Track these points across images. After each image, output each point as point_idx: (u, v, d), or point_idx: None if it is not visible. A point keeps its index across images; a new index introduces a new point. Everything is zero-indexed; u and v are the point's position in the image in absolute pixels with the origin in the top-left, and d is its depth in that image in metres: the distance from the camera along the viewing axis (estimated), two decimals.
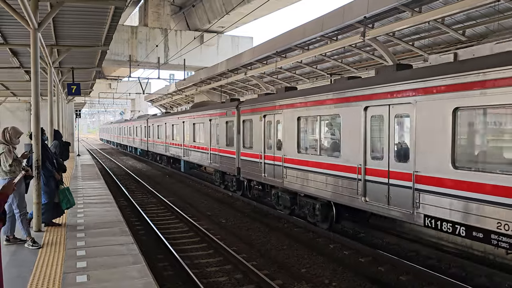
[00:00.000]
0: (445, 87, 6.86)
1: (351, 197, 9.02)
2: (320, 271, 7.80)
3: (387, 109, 8.13)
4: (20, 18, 7.45)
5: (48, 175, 8.00)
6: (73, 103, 31.71)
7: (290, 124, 11.32)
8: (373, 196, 8.38)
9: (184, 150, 21.52)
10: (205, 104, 20.72)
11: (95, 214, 9.34)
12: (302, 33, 14.96)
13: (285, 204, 11.99)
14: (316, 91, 10.69)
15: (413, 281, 7.28)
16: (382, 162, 8.24)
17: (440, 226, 6.97)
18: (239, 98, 18.14)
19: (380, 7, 10.98)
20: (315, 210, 10.47)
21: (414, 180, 7.40)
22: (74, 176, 16.69)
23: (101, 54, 13.89)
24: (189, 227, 11.15)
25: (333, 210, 9.98)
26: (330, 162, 9.79)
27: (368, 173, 8.61)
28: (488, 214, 6.17)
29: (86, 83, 21.45)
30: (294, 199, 11.52)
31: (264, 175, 12.89)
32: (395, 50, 14.00)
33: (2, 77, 17.95)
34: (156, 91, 46.17)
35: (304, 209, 11.01)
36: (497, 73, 6.05)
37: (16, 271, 5.66)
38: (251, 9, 21.92)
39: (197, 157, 19.63)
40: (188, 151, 20.84)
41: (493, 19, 10.31)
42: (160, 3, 31.63)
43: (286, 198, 11.83)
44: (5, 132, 6.84)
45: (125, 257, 6.27)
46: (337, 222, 10.18)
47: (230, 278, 7.44)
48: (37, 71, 7.69)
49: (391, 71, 8.69)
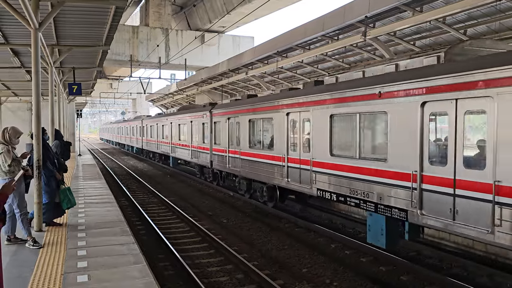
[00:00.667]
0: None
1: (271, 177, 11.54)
2: (321, 271, 7.79)
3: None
4: (21, 18, 7.45)
5: (49, 175, 8.00)
6: (74, 103, 31.75)
7: (242, 126, 14.25)
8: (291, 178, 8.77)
9: (171, 147, 24.37)
10: (189, 107, 23.58)
11: (96, 214, 9.35)
12: (303, 32, 14.96)
13: (243, 188, 14.85)
14: (258, 103, 13.09)
15: (414, 281, 7.26)
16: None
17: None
18: (217, 102, 20.69)
19: (381, 7, 10.97)
20: (263, 192, 13.03)
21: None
22: (75, 176, 16.70)
23: (102, 54, 13.91)
24: (190, 227, 11.14)
25: (276, 192, 12.48)
26: (265, 154, 12.59)
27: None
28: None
29: (87, 83, 21.48)
30: (250, 184, 14.28)
31: (228, 166, 15.57)
32: (396, 50, 13.99)
33: (3, 77, 17.98)
34: (157, 91, 46.24)
35: (256, 192, 13.73)
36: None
37: (17, 271, 5.66)
38: (252, 8, 21.91)
39: (182, 153, 22.53)
40: (175, 148, 23.77)
41: (494, 18, 10.30)
42: (161, 3, 31.66)
43: (243, 183, 14.70)
44: (4, 132, 6.83)
45: (126, 257, 6.27)
46: (281, 202, 12.77)
47: (231, 278, 7.43)
48: (38, 71, 7.69)
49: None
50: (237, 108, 14.77)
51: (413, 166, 7.17)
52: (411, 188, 7.19)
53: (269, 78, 22.34)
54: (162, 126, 26.52)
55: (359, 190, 8.56)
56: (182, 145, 22.16)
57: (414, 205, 7.17)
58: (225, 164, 15.85)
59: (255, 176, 13.38)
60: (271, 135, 12.34)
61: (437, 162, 6.92)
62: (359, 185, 8.58)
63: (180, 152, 22.79)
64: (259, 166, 12.94)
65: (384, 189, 7.87)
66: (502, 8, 9.61)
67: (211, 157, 17.54)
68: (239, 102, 15.18)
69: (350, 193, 8.86)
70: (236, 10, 24.00)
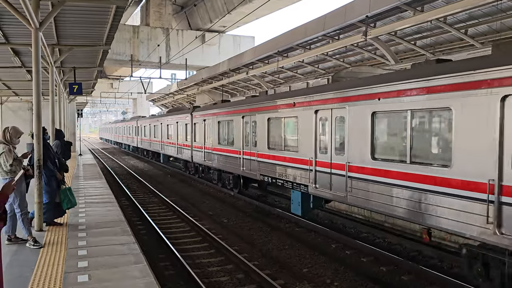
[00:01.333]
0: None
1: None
2: (321, 270, 7.78)
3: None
4: (21, 18, 7.45)
5: (49, 174, 8.00)
6: (74, 103, 31.75)
7: (213, 126, 17.12)
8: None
9: (161, 145, 27.17)
10: (176, 110, 26.45)
11: (96, 214, 9.35)
12: (303, 32, 14.95)
13: (215, 178, 17.70)
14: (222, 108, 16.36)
15: (415, 281, 7.25)
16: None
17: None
18: (200, 105, 23.53)
19: (382, 6, 10.95)
20: (230, 180, 15.86)
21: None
22: (76, 175, 16.71)
23: (103, 54, 13.90)
24: (191, 226, 11.14)
25: (240, 180, 15.13)
26: (228, 149, 15.67)
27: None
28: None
29: (87, 83, 21.47)
30: (220, 175, 16.98)
31: (204, 160, 18.42)
32: (397, 50, 13.98)
33: (4, 77, 17.99)
34: (158, 90, 46.24)
35: (225, 180, 16.47)
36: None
37: (17, 270, 5.66)
38: (253, 8, 21.90)
39: (169, 150, 25.25)
40: (164, 146, 26.47)
41: (495, 18, 10.27)
42: (161, 3, 31.63)
43: (215, 174, 17.69)
44: (5, 131, 6.85)
45: (127, 256, 6.26)
46: (245, 189, 15.48)
47: (231, 278, 7.42)
48: (38, 71, 7.69)
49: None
50: (210, 111, 17.74)
51: (310, 154, 10.15)
52: (309, 170, 10.26)
53: (270, 77, 22.34)
54: (154, 126, 29.10)
55: (283, 173, 11.64)
56: (170, 143, 24.95)
57: (311, 181, 10.16)
58: (202, 158, 18.74)
59: (223, 168, 16.31)
60: (233, 134, 15.18)
61: (323, 152, 9.77)
62: (278, 169, 11.85)
63: (168, 149, 25.60)
64: (226, 159, 15.80)
65: (295, 172, 10.90)
66: (503, 8, 9.59)
67: (191, 153, 20.38)
68: (212, 106, 18.33)
69: (278, 176, 11.84)
70: (236, 9, 24.00)
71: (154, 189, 16.97)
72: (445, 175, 6.64)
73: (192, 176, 21.24)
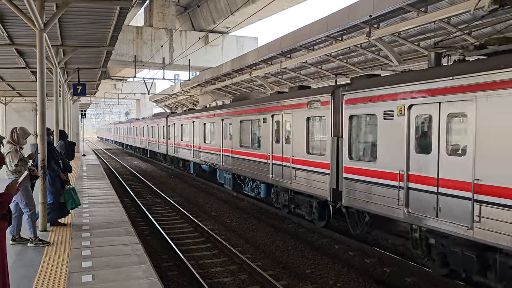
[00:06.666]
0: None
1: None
2: (325, 272, 7.77)
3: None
4: (26, 19, 7.49)
5: (53, 175, 8.03)
6: (78, 104, 31.86)
7: (178, 127, 22.93)
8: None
9: (148, 143, 33.45)
10: (159, 114, 32.15)
11: (100, 214, 9.37)
12: (307, 33, 14.93)
13: (175, 164, 23.61)
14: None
15: (419, 282, 7.23)
16: None
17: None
18: (176, 111, 30.18)
19: (385, 7, 10.92)
20: (182, 164, 22.35)
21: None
22: (80, 176, 16.76)
23: (107, 55, 13.95)
24: (194, 227, 11.15)
25: (190, 164, 21.07)
26: (183, 143, 22.33)
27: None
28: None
29: (91, 84, 21.55)
30: (178, 161, 23.61)
31: (173, 152, 24.35)
32: (401, 50, 13.95)
33: (8, 77, 18.08)
34: (161, 91, 46.26)
35: (179, 164, 22.86)
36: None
37: (22, 270, 5.69)
38: (256, 9, 21.92)
39: (154, 146, 31.11)
40: (150, 143, 32.51)
41: (500, 19, 10.23)
42: (165, 4, 31.66)
43: (176, 161, 24.10)
44: (13, 132, 6.91)
45: (130, 257, 6.28)
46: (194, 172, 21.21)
47: (234, 278, 7.43)
48: (43, 72, 7.72)
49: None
50: (176, 116, 24.41)
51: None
52: (220, 155, 16.14)
53: (273, 78, 22.34)
54: (143, 128, 35.42)
55: (209, 161, 17.76)
56: (153, 141, 31.19)
57: (219, 162, 15.97)
58: (174, 151, 24.58)
59: (179, 155, 23.33)
60: (188, 133, 20.86)
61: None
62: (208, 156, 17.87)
63: (152, 145, 31.62)
64: (179, 150, 22.78)
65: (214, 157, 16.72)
66: (508, 9, 9.55)
67: (166, 148, 26.67)
68: (179, 113, 24.82)
69: (207, 159, 17.07)
70: (240, 10, 24.01)
71: (157, 190, 17.00)
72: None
73: (196, 177, 21.35)
